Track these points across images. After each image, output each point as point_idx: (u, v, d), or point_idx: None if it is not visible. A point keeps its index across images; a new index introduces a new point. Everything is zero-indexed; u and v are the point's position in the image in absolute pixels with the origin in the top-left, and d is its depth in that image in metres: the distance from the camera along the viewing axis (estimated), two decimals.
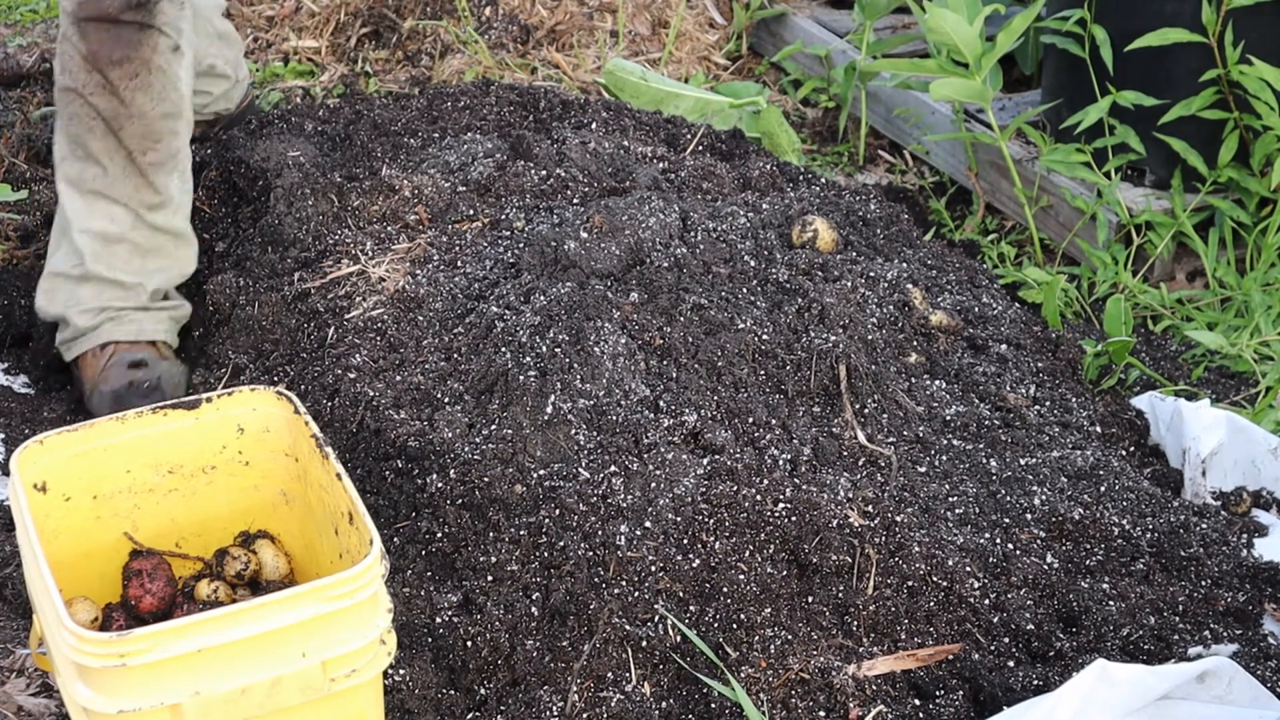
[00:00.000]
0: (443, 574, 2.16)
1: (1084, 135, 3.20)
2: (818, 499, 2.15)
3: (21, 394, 2.82)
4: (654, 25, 4.20)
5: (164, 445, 2.08)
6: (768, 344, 2.39)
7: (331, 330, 2.58)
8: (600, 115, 3.23)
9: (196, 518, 2.16)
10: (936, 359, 2.55)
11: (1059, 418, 2.52)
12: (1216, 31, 2.99)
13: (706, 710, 2.01)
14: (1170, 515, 2.32)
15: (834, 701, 2.00)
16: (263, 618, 1.73)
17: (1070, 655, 2.09)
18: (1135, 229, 3.14)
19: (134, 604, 2.07)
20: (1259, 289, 3.02)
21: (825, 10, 4.22)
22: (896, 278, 2.66)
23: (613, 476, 2.16)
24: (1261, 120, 3.02)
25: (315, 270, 2.72)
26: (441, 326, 2.52)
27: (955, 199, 3.58)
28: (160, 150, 2.69)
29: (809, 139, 3.84)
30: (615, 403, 2.26)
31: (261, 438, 2.11)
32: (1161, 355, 2.91)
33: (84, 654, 1.67)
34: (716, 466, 2.19)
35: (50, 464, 2.01)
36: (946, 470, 2.36)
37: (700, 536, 2.11)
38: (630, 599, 2.05)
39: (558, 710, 1.99)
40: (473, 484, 2.17)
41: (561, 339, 2.32)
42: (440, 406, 2.34)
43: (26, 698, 2.25)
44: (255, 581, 2.14)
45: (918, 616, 2.12)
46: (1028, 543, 2.24)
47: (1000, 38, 3.17)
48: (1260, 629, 2.19)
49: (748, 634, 2.05)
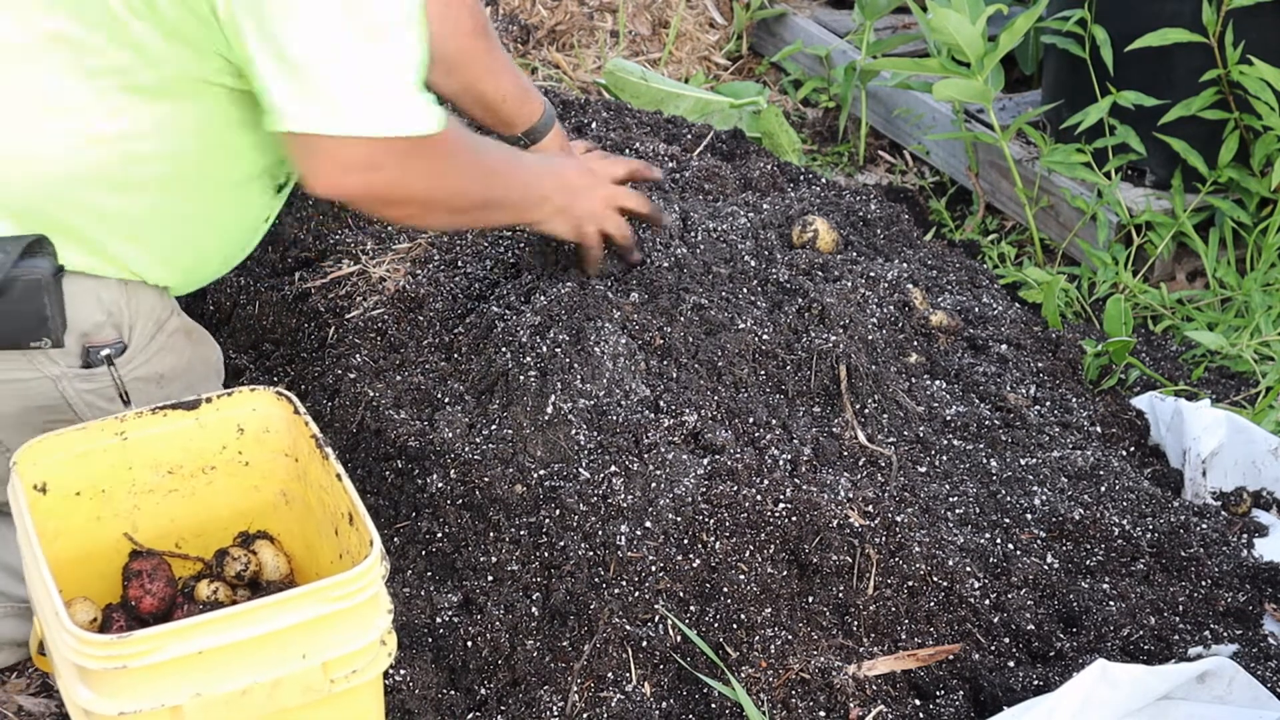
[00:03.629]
0: (443, 574, 2.16)
1: (1084, 135, 3.20)
2: (818, 499, 2.15)
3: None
4: (654, 25, 4.20)
5: (164, 445, 2.08)
6: (768, 344, 2.39)
7: (331, 330, 2.58)
8: (601, 115, 3.22)
9: (196, 518, 2.15)
10: (937, 359, 2.55)
11: (1059, 418, 2.52)
12: (1216, 31, 2.99)
13: (706, 710, 2.01)
14: (1170, 515, 2.32)
15: (834, 701, 2.00)
16: (263, 619, 1.73)
17: (1070, 655, 2.09)
18: (1135, 229, 3.15)
19: (134, 605, 2.07)
20: (1259, 289, 3.02)
21: (825, 10, 4.22)
22: (897, 278, 2.66)
23: (613, 476, 2.16)
24: (1261, 120, 3.02)
25: (315, 270, 2.72)
26: (442, 326, 2.52)
27: (955, 199, 3.58)
28: None
29: (809, 139, 3.84)
30: (615, 403, 2.26)
31: (261, 438, 2.11)
32: (1161, 355, 2.91)
33: (84, 656, 1.67)
34: (717, 466, 2.19)
35: (50, 464, 2.01)
36: (947, 470, 2.36)
37: (700, 536, 2.11)
38: (630, 599, 2.05)
39: (558, 710, 1.99)
40: (473, 484, 2.17)
41: (562, 339, 2.32)
42: (440, 406, 2.34)
43: (26, 698, 2.26)
44: (255, 582, 2.14)
45: (918, 616, 2.12)
46: (1028, 543, 2.24)
47: (1003, 38, 3.17)
48: (1260, 629, 2.19)
49: (748, 634, 2.05)
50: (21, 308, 2.02)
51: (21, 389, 2.13)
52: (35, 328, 2.04)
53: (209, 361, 2.36)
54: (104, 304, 2.14)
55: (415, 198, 2.10)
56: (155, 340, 2.22)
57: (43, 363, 2.12)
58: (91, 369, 2.15)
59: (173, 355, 2.26)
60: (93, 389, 2.17)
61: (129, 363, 2.18)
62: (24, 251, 2.01)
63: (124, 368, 2.17)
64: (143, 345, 2.20)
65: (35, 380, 2.12)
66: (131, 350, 2.18)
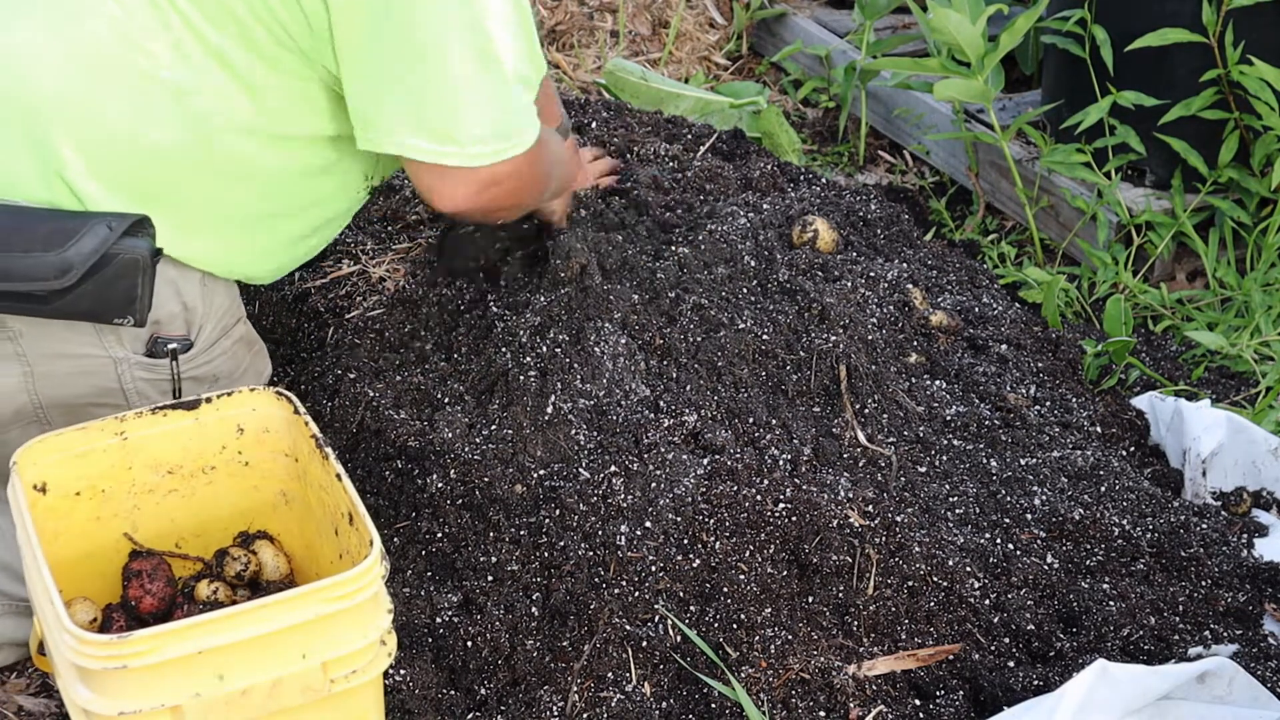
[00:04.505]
0: (443, 574, 2.16)
1: (1084, 135, 3.19)
2: (818, 499, 2.15)
3: None
4: (654, 25, 4.20)
5: (164, 445, 2.08)
6: (768, 344, 2.39)
7: (331, 330, 2.58)
8: (601, 115, 3.22)
9: (196, 518, 2.16)
10: (937, 359, 2.55)
11: (1059, 418, 2.52)
12: (1216, 31, 2.99)
13: (706, 710, 2.01)
14: (1170, 515, 2.32)
15: (834, 701, 2.00)
16: (263, 619, 1.73)
17: (1070, 655, 2.09)
18: (1135, 229, 3.14)
19: (134, 605, 2.07)
20: (1259, 289, 3.02)
21: (825, 10, 4.22)
22: (897, 278, 2.66)
23: (613, 476, 2.16)
24: (1261, 120, 3.02)
25: (315, 270, 2.72)
26: (442, 326, 2.52)
27: (955, 199, 3.58)
28: None
29: (809, 139, 3.84)
30: (615, 403, 2.26)
31: (261, 438, 2.11)
32: (1161, 355, 2.91)
33: (84, 656, 1.67)
34: (717, 466, 2.19)
35: (50, 464, 2.01)
36: (947, 470, 2.36)
37: (700, 536, 2.11)
38: (630, 599, 2.05)
39: (558, 710, 1.99)
40: (473, 484, 2.17)
41: (562, 339, 2.32)
42: (440, 407, 2.34)
43: (26, 698, 2.26)
44: (255, 582, 2.14)
45: (918, 616, 2.12)
46: (1028, 543, 2.24)
47: (1003, 38, 3.16)
48: (1260, 629, 2.19)
49: (748, 634, 2.05)
50: (115, 285, 2.04)
51: (83, 365, 2.16)
52: (123, 306, 2.06)
53: (261, 375, 2.40)
54: (182, 297, 2.18)
55: (522, 203, 2.32)
56: (219, 344, 2.26)
57: (111, 343, 2.16)
58: (154, 359, 2.19)
59: (230, 361, 2.30)
60: (150, 379, 2.20)
61: (190, 360, 2.22)
62: (126, 230, 2.04)
63: (184, 365, 2.21)
64: (206, 346, 2.24)
65: (99, 359, 2.16)
66: (196, 349, 2.22)
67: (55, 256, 1.99)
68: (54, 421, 2.17)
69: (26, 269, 2.00)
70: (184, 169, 2.12)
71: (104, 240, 2.01)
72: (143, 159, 2.10)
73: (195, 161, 2.12)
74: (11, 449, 2.01)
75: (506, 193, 2.19)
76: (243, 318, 2.33)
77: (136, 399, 2.19)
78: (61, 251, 1.99)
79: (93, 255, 2.00)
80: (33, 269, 2.00)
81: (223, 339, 2.26)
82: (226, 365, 2.28)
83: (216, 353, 2.25)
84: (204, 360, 2.23)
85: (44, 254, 2.00)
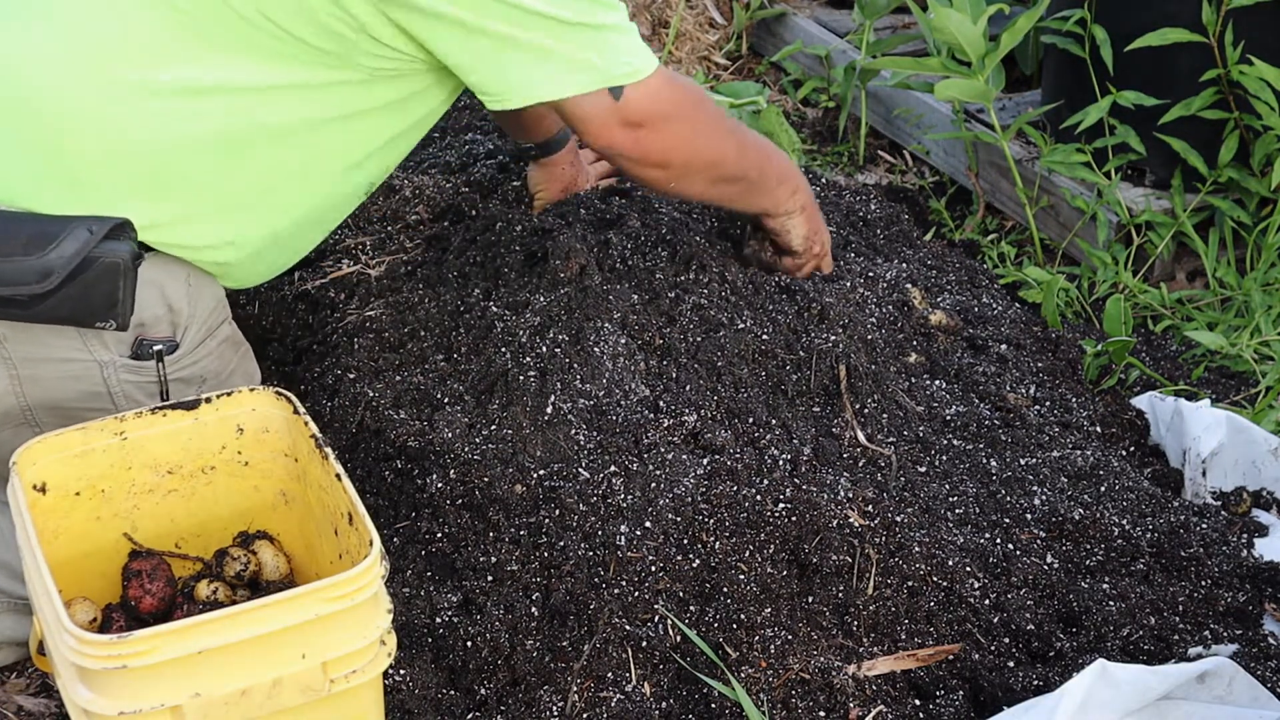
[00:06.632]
0: (443, 574, 2.16)
1: (1084, 135, 3.20)
2: (818, 499, 2.15)
3: None
4: (654, 25, 4.20)
5: (163, 445, 2.08)
6: (768, 344, 2.39)
7: (331, 330, 2.58)
8: None
9: (196, 518, 2.16)
10: (936, 359, 2.55)
11: (1059, 418, 2.52)
12: (1216, 31, 2.99)
13: (706, 710, 2.01)
14: (1170, 515, 2.32)
15: (834, 701, 2.00)
16: (263, 619, 1.73)
17: (1070, 655, 2.09)
18: (1135, 229, 3.14)
19: (134, 604, 2.07)
20: (1259, 289, 3.02)
21: (825, 10, 4.22)
22: (896, 278, 2.66)
23: (613, 476, 2.16)
24: (1261, 120, 3.02)
25: (315, 270, 2.72)
26: (441, 327, 2.52)
27: (955, 199, 3.58)
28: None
29: (809, 139, 3.84)
30: (615, 403, 2.26)
31: (261, 438, 2.11)
32: (1161, 355, 2.91)
33: (84, 656, 1.67)
34: (716, 466, 2.19)
35: (50, 464, 2.01)
36: (946, 470, 2.36)
37: (700, 536, 2.11)
38: (630, 599, 2.05)
39: (558, 710, 1.99)
40: (473, 484, 2.17)
41: (561, 339, 2.32)
42: (440, 406, 2.33)
43: (26, 698, 2.26)
44: (255, 582, 2.14)
45: (918, 616, 2.12)
46: (1028, 543, 2.24)
47: (1004, 38, 3.17)
48: (1260, 629, 2.19)
49: (748, 634, 2.05)
50: (96, 288, 2.05)
51: (69, 369, 2.16)
52: (105, 309, 2.07)
53: (251, 376, 2.39)
54: (166, 299, 2.18)
55: (674, 160, 2.29)
56: (205, 345, 2.25)
57: (96, 347, 2.16)
58: (140, 361, 2.19)
59: (218, 361, 2.29)
60: (136, 381, 2.20)
61: (176, 362, 2.22)
62: (107, 234, 2.04)
63: (170, 366, 2.21)
64: (192, 348, 2.23)
65: (84, 363, 2.16)
66: (182, 350, 2.22)
67: (36, 261, 2.00)
68: (44, 423, 2.17)
69: (7, 274, 2.00)
70: (187, 161, 2.12)
71: (84, 244, 2.01)
72: (141, 156, 2.10)
73: (197, 155, 2.12)
74: (4, 450, 2.01)
75: (652, 141, 2.22)
76: (228, 319, 2.32)
77: (124, 401, 2.19)
78: (42, 256, 2.00)
79: (73, 259, 2.01)
80: (13, 274, 2.00)
81: (208, 340, 2.26)
82: (214, 365, 2.28)
83: (203, 354, 2.25)
84: (190, 361, 2.23)
85: (25, 258, 2.00)
